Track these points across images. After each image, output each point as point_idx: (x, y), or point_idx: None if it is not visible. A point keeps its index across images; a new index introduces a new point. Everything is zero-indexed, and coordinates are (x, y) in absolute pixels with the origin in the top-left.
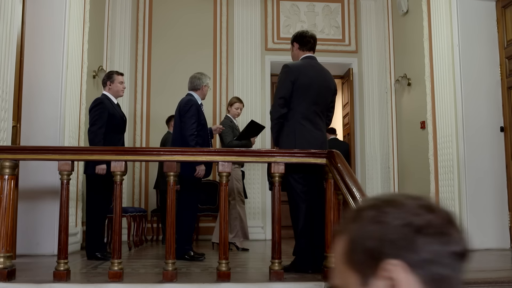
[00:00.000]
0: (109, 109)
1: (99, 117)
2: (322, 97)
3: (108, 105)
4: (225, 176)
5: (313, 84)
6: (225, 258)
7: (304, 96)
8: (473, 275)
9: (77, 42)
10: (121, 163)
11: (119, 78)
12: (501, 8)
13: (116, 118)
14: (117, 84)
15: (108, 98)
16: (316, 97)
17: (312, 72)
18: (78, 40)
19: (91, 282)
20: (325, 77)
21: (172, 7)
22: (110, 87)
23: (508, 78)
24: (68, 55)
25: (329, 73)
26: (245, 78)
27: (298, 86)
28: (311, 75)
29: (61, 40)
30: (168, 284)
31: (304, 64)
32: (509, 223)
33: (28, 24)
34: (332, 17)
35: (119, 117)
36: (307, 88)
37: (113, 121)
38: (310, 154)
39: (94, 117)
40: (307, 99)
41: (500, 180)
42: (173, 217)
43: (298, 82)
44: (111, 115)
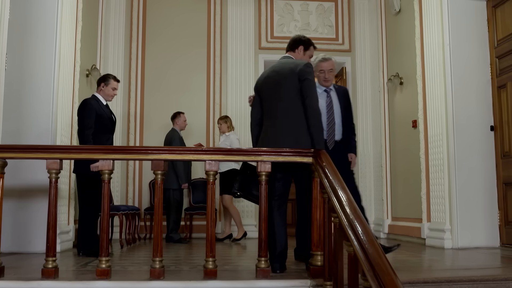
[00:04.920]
0: (96, 110)
1: (87, 119)
2: (279, 91)
3: (95, 106)
4: (212, 175)
5: (264, 84)
6: (211, 256)
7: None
8: (459, 273)
9: (70, 41)
10: (108, 162)
11: (114, 83)
12: (491, 8)
13: (104, 118)
14: (110, 88)
15: (96, 99)
16: (268, 96)
17: (267, 73)
18: (71, 39)
19: (79, 280)
20: (280, 71)
21: (166, 7)
22: (103, 89)
23: (498, 77)
24: (60, 54)
25: (292, 64)
26: (238, 77)
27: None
28: (264, 76)
29: (53, 39)
30: (156, 282)
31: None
32: (499, 222)
33: (20, 23)
34: (325, 16)
35: (107, 117)
36: (261, 91)
37: (101, 121)
38: (296, 153)
39: (81, 119)
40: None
41: (490, 178)
42: (160, 215)
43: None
44: (99, 116)
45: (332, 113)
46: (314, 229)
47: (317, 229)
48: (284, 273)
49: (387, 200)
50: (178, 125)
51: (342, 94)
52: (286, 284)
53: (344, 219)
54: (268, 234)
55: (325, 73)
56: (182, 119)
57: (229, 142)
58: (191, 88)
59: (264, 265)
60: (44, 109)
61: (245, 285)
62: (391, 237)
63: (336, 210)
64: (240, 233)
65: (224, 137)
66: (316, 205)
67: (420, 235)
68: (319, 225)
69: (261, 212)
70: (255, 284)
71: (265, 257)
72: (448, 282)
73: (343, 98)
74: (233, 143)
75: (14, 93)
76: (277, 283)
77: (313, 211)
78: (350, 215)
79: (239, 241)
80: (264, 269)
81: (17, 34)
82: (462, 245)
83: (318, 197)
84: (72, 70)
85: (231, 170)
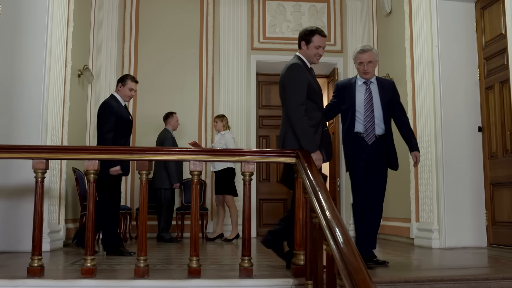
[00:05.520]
0: (116, 112)
1: (107, 121)
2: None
3: (115, 108)
4: (196, 175)
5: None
6: (195, 255)
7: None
8: (441, 272)
9: (61, 42)
10: (94, 162)
11: (131, 84)
12: (480, 10)
13: (123, 120)
14: (127, 89)
15: (116, 100)
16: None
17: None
18: (62, 40)
19: (64, 278)
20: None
21: (159, 7)
22: (120, 89)
23: (486, 79)
24: (51, 54)
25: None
26: (231, 77)
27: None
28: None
29: (43, 39)
30: (139, 281)
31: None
32: (486, 222)
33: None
34: (318, 17)
35: (125, 119)
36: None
37: (119, 123)
38: (280, 153)
39: (101, 123)
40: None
41: (477, 179)
42: (145, 214)
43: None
44: (118, 118)
45: (371, 107)
46: (297, 229)
47: (300, 229)
48: (268, 272)
49: None
50: (171, 125)
51: (386, 87)
52: (269, 283)
53: (323, 219)
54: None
55: (364, 65)
56: (175, 119)
57: (224, 141)
58: (183, 88)
59: (247, 264)
60: (35, 109)
61: (228, 284)
62: (382, 237)
63: (315, 210)
64: (234, 233)
65: (219, 136)
66: (299, 205)
67: (409, 235)
68: (302, 225)
69: (245, 212)
70: (238, 283)
71: (248, 256)
72: (429, 281)
73: (388, 91)
74: (228, 142)
75: (5, 93)
76: (260, 281)
77: (296, 211)
78: (328, 216)
79: (231, 241)
80: (247, 268)
81: (8, 35)
82: (449, 245)
83: (301, 197)
84: (63, 70)
85: (227, 169)
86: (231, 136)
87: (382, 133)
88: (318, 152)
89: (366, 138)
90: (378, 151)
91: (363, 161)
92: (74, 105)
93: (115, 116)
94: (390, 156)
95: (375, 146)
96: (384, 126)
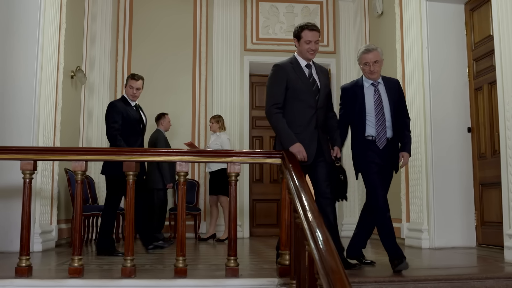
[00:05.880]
0: (122, 112)
1: (112, 122)
2: None
3: (121, 108)
4: (182, 176)
5: None
6: (182, 255)
7: None
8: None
9: (53, 43)
10: (81, 163)
11: (131, 82)
12: (469, 11)
13: (131, 120)
14: (128, 88)
15: (124, 100)
16: None
17: None
18: (54, 41)
19: (52, 278)
20: None
21: (152, 8)
22: (125, 89)
23: (475, 80)
24: (43, 56)
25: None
26: (224, 78)
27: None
28: None
29: (35, 41)
30: (126, 280)
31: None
32: (475, 222)
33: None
34: (311, 18)
35: (134, 119)
36: None
37: (127, 123)
38: (266, 154)
39: (107, 122)
40: None
41: (467, 179)
42: (132, 214)
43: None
44: (125, 117)
45: (381, 109)
46: (283, 229)
47: (285, 229)
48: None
49: None
50: (163, 126)
51: (392, 86)
52: (254, 282)
53: (304, 220)
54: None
55: (369, 65)
56: (167, 120)
57: (220, 142)
58: (177, 89)
59: (233, 264)
60: (26, 110)
61: (213, 284)
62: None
63: (297, 211)
64: (226, 234)
65: (215, 137)
66: (285, 206)
67: (399, 235)
68: (287, 225)
69: (231, 212)
70: (223, 282)
71: (234, 256)
72: (414, 281)
73: (394, 91)
74: (223, 143)
75: None
76: (246, 281)
77: (282, 211)
78: (310, 217)
79: (223, 241)
80: (233, 268)
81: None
82: (439, 245)
83: (286, 197)
84: (56, 71)
85: (222, 170)
86: (227, 137)
87: (392, 135)
88: (297, 144)
89: (378, 142)
90: (388, 154)
91: (376, 165)
92: (67, 106)
93: (121, 116)
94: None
95: (385, 149)
96: (393, 128)
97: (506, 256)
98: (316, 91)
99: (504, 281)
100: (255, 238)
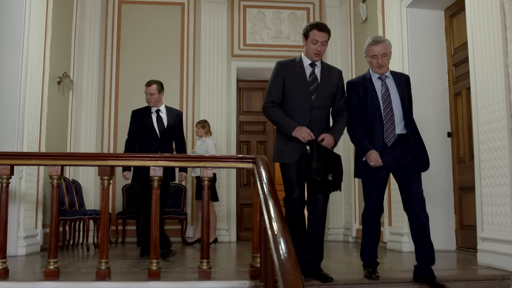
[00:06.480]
0: (141, 119)
1: (129, 128)
2: None
3: (138, 115)
4: (156, 180)
5: None
6: (155, 258)
7: None
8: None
9: (38, 49)
10: (57, 168)
11: (145, 88)
12: (449, 17)
13: (148, 126)
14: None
15: (147, 107)
16: None
17: None
18: (40, 48)
19: (27, 281)
20: None
21: (140, 14)
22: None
23: (455, 85)
24: (27, 62)
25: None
26: (211, 84)
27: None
28: None
29: (19, 47)
30: (100, 282)
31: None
32: (455, 226)
33: None
34: (297, 24)
35: (151, 125)
36: None
37: (144, 129)
38: (239, 159)
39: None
40: None
41: (447, 184)
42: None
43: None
44: (144, 124)
45: (389, 103)
46: (255, 232)
47: (257, 232)
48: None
49: (355, 204)
50: None
51: (402, 82)
52: (226, 285)
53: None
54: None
55: (378, 58)
56: None
57: (206, 147)
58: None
59: (205, 267)
60: (10, 116)
61: (186, 286)
62: (358, 241)
63: (262, 214)
64: (212, 237)
65: (200, 142)
66: (256, 209)
67: (382, 239)
68: (258, 228)
69: (203, 216)
70: (196, 285)
71: (207, 259)
72: (383, 283)
73: (404, 85)
74: (209, 147)
75: None
76: (218, 283)
77: (254, 215)
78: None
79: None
80: (206, 271)
81: None
82: None
83: (257, 201)
84: (41, 77)
85: None
86: (213, 142)
87: (403, 131)
88: (297, 128)
89: (386, 139)
90: (401, 152)
91: (380, 169)
92: (53, 111)
93: (139, 123)
94: (417, 156)
95: (396, 147)
96: (405, 123)
97: (479, 259)
98: (314, 91)
99: (474, 283)
100: (242, 242)
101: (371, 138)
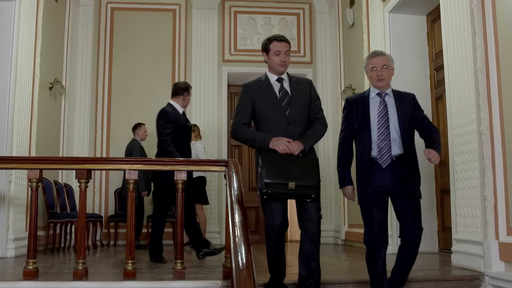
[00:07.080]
0: (174, 118)
1: (165, 128)
2: None
3: (172, 115)
4: (132, 183)
5: None
6: (131, 259)
7: None
8: None
9: (28, 56)
10: (35, 171)
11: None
12: (430, 22)
13: (181, 127)
14: (189, 98)
15: (172, 107)
16: None
17: None
18: (29, 55)
19: (6, 280)
20: None
21: (132, 20)
22: (186, 97)
23: (436, 89)
24: (17, 69)
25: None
26: (202, 89)
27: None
28: None
29: (8, 55)
30: (77, 282)
31: None
32: (437, 228)
33: None
34: (288, 29)
35: (183, 126)
36: None
37: (178, 130)
38: (212, 163)
39: (159, 128)
40: None
41: (429, 186)
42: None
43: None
44: (176, 124)
45: (386, 122)
46: (227, 234)
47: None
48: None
49: (344, 207)
50: (139, 135)
51: (405, 101)
52: (199, 284)
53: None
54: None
55: (377, 70)
56: (143, 130)
57: (195, 151)
58: (156, 100)
59: (179, 267)
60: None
61: (159, 285)
62: (347, 243)
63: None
64: None
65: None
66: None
67: None
68: None
69: (177, 218)
70: (169, 284)
71: (181, 260)
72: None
73: (408, 106)
74: (198, 152)
75: None
76: (191, 283)
77: (226, 217)
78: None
79: None
80: (179, 271)
81: None
82: None
83: None
84: (31, 83)
85: (198, 178)
86: (202, 146)
87: (400, 153)
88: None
89: (380, 160)
90: (398, 175)
91: (376, 193)
92: (44, 117)
93: (173, 122)
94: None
95: (392, 169)
96: (403, 145)
97: (453, 260)
98: (287, 106)
99: (443, 283)
100: None
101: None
